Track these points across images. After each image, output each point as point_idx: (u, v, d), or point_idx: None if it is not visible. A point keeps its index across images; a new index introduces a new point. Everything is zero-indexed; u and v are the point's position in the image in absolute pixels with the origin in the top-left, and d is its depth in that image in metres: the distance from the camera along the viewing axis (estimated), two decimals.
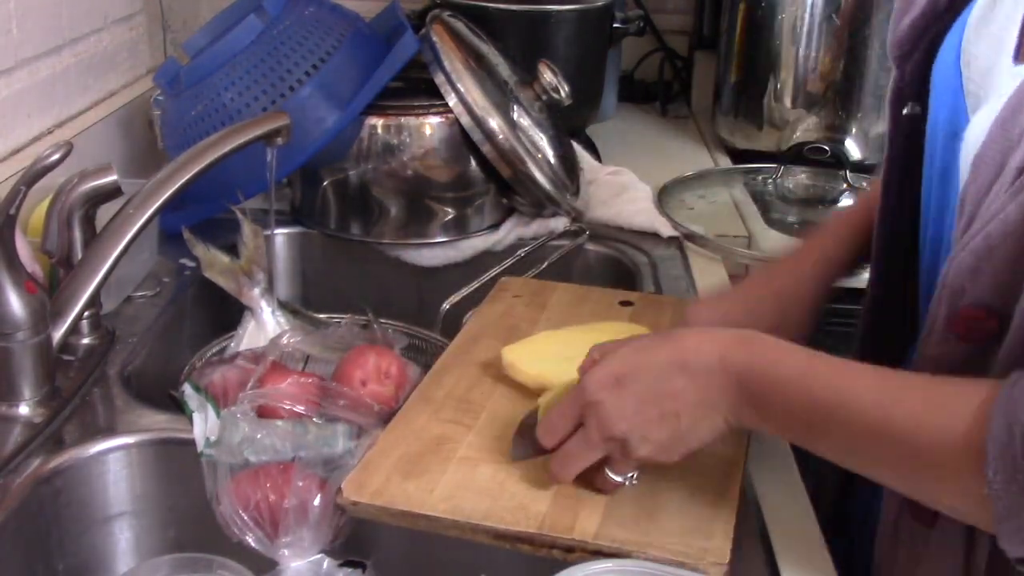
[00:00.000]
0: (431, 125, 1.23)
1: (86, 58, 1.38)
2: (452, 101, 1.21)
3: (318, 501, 0.77)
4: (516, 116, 1.25)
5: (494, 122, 1.21)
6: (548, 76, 1.29)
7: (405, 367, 0.93)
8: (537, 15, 1.49)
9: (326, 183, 1.27)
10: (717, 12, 1.74)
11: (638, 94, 1.91)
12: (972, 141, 0.68)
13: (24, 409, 0.87)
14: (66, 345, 0.93)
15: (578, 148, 1.44)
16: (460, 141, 1.23)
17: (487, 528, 0.73)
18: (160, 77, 1.29)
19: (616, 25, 1.57)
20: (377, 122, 1.23)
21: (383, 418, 0.85)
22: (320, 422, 0.83)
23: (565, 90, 1.30)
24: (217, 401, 0.84)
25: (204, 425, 0.83)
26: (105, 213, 0.95)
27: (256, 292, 1.06)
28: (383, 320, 1.10)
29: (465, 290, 1.16)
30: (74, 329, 0.92)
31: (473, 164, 1.25)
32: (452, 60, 1.22)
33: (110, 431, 0.89)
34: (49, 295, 0.89)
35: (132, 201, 0.92)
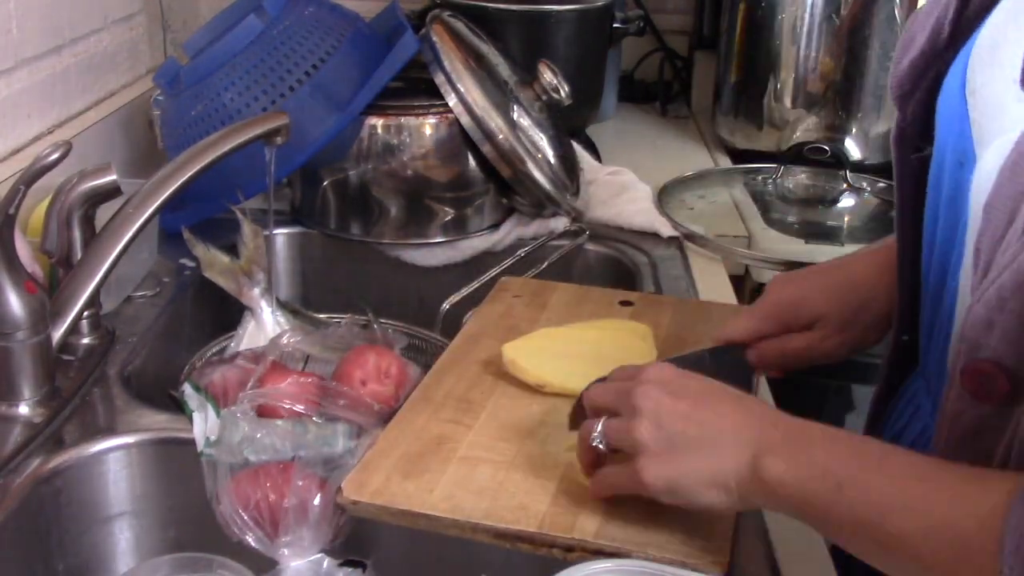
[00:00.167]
0: (431, 125, 1.23)
1: (86, 58, 1.38)
2: (452, 101, 1.21)
3: (318, 501, 0.77)
4: (516, 116, 1.25)
5: (494, 122, 1.20)
6: (548, 76, 1.29)
7: (405, 367, 0.93)
8: (537, 15, 1.49)
9: (326, 183, 1.27)
10: (717, 12, 1.74)
11: (638, 94, 1.91)
12: (982, 180, 0.66)
13: (24, 409, 0.87)
14: (66, 345, 0.93)
15: (578, 148, 1.44)
16: (460, 141, 1.23)
17: (487, 527, 0.73)
18: (160, 77, 1.29)
19: (616, 25, 1.57)
20: (377, 122, 1.23)
21: (383, 418, 0.85)
22: (320, 422, 0.83)
23: (565, 90, 1.29)
24: (217, 401, 0.84)
25: (204, 425, 0.83)
26: (105, 213, 0.95)
27: (256, 292, 1.07)
28: (383, 320, 1.10)
29: (465, 290, 1.16)
30: (74, 329, 0.92)
31: (473, 164, 1.25)
32: (452, 60, 1.22)
33: (110, 431, 0.89)
34: (49, 295, 0.89)
35: (131, 201, 0.92)
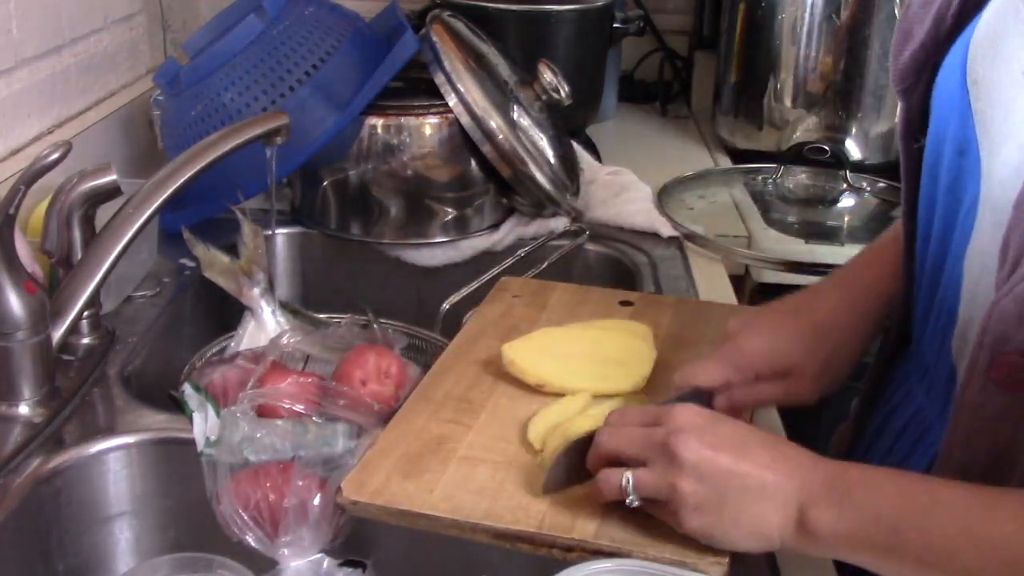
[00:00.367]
0: (431, 125, 1.23)
1: (86, 58, 1.38)
2: (452, 101, 1.21)
3: (318, 501, 0.77)
4: (516, 116, 1.25)
5: (494, 122, 1.21)
6: (548, 76, 1.29)
7: (405, 367, 0.93)
8: (537, 15, 1.49)
9: (326, 183, 1.27)
10: (717, 12, 1.74)
11: (638, 94, 1.91)
12: (1005, 174, 0.66)
13: (24, 409, 0.87)
14: (66, 345, 0.93)
15: (578, 148, 1.44)
16: (460, 141, 1.23)
17: (487, 527, 0.73)
18: (160, 77, 1.29)
19: (616, 25, 1.57)
20: (377, 122, 1.23)
21: (383, 418, 0.85)
22: (320, 422, 0.83)
23: (565, 90, 1.29)
24: (217, 401, 0.84)
25: (204, 425, 0.83)
26: (105, 213, 0.95)
27: (256, 292, 1.06)
28: (383, 320, 1.10)
29: (465, 290, 1.15)
30: (74, 329, 0.92)
31: (473, 164, 1.25)
32: (452, 60, 1.22)
33: (110, 431, 0.89)
34: (49, 295, 0.89)
35: (131, 201, 0.92)
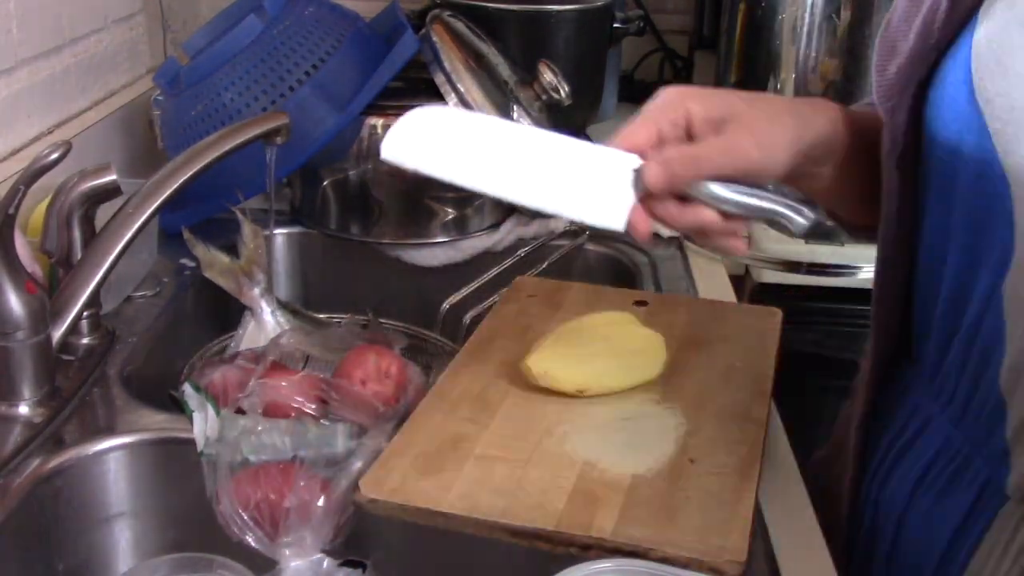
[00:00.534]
0: None
1: (86, 58, 1.38)
2: (452, 101, 1.21)
3: (320, 501, 0.77)
4: (516, 116, 1.25)
5: None
6: (548, 76, 1.29)
7: (405, 367, 0.93)
8: (537, 15, 1.49)
9: (326, 183, 1.27)
10: (717, 12, 1.74)
11: (638, 94, 1.90)
12: None
13: (24, 409, 0.87)
14: (66, 345, 0.93)
15: None
16: None
17: (504, 526, 0.72)
18: (160, 77, 1.29)
19: (616, 25, 1.57)
20: (377, 122, 1.23)
21: (386, 418, 0.85)
22: (326, 424, 0.83)
23: (565, 90, 1.29)
24: (217, 401, 0.84)
25: (204, 425, 0.83)
26: (105, 213, 0.95)
27: (256, 292, 1.06)
28: (383, 320, 1.10)
29: (465, 290, 1.15)
30: (74, 329, 0.92)
31: None
32: (452, 60, 1.22)
33: (110, 431, 0.89)
34: (49, 295, 0.89)
35: (131, 201, 0.92)
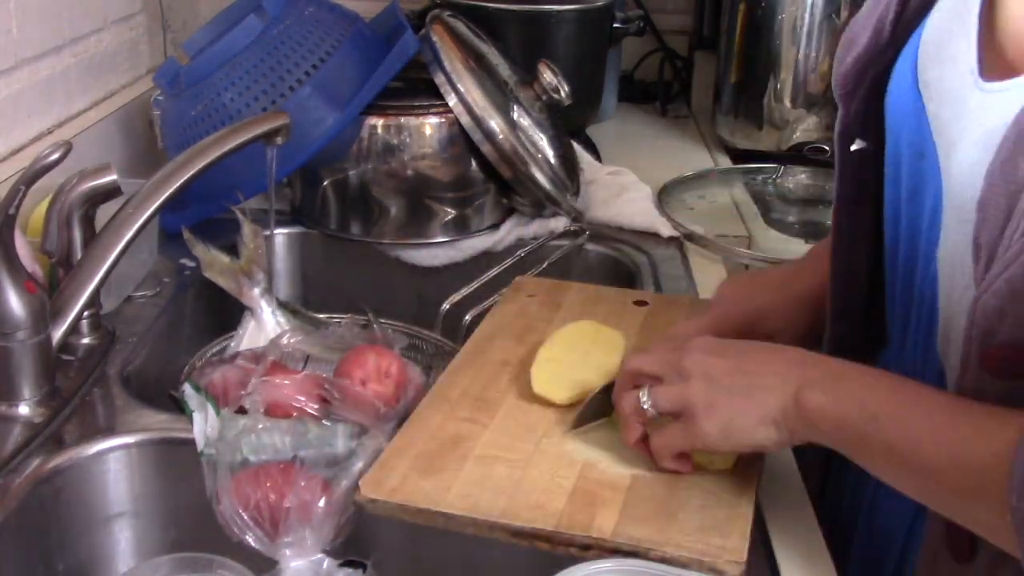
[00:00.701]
0: (431, 125, 1.23)
1: (86, 58, 1.38)
2: (452, 101, 1.21)
3: (321, 501, 0.77)
4: (516, 116, 1.25)
5: (494, 122, 1.20)
6: (548, 76, 1.29)
7: (405, 367, 0.93)
8: (537, 15, 1.49)
9: (326, 183, 1.27)
10: (717, 12, 1.74)
11: (638, 94, 1.91)
12: (963, 173, 0.69)
13: (24, 409, 0.87)
14: (66, 345, 0.93)
15: (578, 148, 1.44)
16: (460, 141, 1.23)
17: (504, 526, 0.72)
18: (160, 77, 1.29)
19: (616, 25, 1.57)
20: (377, 122, 1.23)
21: (387, 417, 0.85)
22: (328, 424, 0.83)
23: (565, 90, 1.29)
24: (217, 401, 0.84)
25: (204, 425, 0.83)
26: (105, 213, 0.95)
27: (256, 292, 1.06)
28: (383, 320, 1.10)
29: (465, 290, 1.15)
30: (74, 329, 0.92)
31: (473, 164, 1.25)
32: (452, 60, 1.22)
33: (110, 431, 0.89)
34: (49, 295, 0.89)
35: (131, 201, 0.92)
